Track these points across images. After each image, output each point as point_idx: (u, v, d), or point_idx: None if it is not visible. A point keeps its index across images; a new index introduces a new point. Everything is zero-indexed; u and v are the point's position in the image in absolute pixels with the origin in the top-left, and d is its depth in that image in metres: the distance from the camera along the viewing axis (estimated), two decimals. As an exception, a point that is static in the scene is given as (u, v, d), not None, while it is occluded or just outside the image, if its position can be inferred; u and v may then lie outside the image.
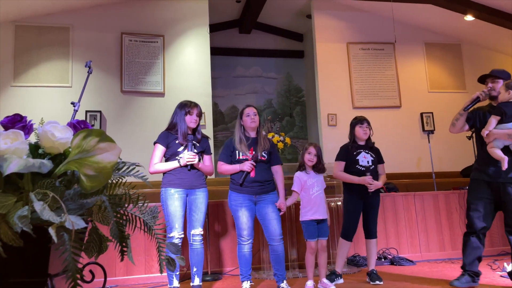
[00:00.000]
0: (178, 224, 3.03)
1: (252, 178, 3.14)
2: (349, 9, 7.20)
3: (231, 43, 8.41)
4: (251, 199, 3.17)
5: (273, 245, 3.18)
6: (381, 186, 3.55)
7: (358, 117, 3.68)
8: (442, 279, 3.55)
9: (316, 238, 3.26)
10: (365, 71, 7.13)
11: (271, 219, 3.17)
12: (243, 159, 3.18)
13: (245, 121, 3.27)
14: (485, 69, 7.50)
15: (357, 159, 3.54)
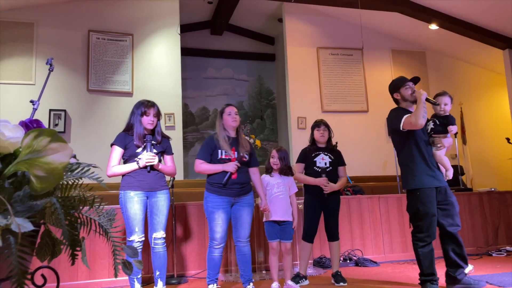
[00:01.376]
0: (138, 228, 2.97)
1: (233, 180, 3.11)
2: (319, 14, 7.31)
3: (203, 44, 8.38)
4: (229, 201, 3.13)
5: (240, 246, 3.18)
6: (337, 189, 3.60)
7: (316, 120, 3.76)
8: (404, 280, 3.66)
9: (276, 239, 3.29)
10: (334, 75, 7.25)
11: (244, 222, 3.17)
12: (226, 159, 3.14)
13: (226, 120, 3.22)
14: (448, 76, 7.85)
15: (314, 160, 3.61)
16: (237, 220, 3.17)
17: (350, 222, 4.83)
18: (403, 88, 3.21)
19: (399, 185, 5.62)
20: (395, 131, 3.14)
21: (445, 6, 6.31)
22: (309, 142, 3.79)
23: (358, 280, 3.68)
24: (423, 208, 2.98)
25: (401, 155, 3.19)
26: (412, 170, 3.06)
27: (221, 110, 3.28)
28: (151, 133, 3.15)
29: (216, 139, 3.19)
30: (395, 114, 3.16)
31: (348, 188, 5.59)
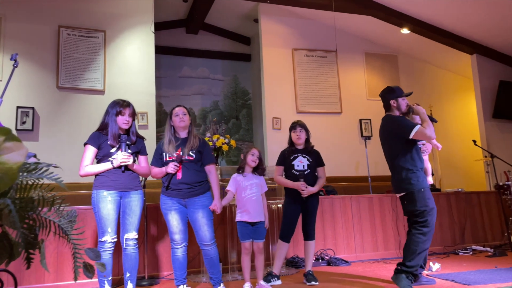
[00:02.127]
0: (110, 228, 2.92)
1: (178, 180, 3.09)
2: (294, 16, 7.36)
3: (178, 43, 8.29)
4: (179, 202, 3.13)
5: (205, 249, 3.15)
6: (315, 191, 3.63)
7: (293, 122, 3.79)
8: (374, 278, 3.72)
9: (249, 239, 3.30)
10: (309, 77, 7.32)
11: (201, 225, 3.12)
12: (170, 160, 3.13)
13: (174, 121, 3.24)
14: (419, 79, 8.05)
15: (292, 164, 3.64)
16: (194, 224, 3.15)
17: (323, 222, 4.88)
18: (401, 98, 3.40)
19: (370, 186, 5.72)
20: (399, 137, 3.30)
21: (416, 11, 6.47)
22: (288, 144, 3.81)
23: (329, 280, 3.72)
24: (431, 204, 3.25)
25: (400, 159, 3.32)
26: (415, 173, 3.26)
27: (170, 111, 3.31)
28: (126, 133, 3.11)
29: (162, 143, 3.24)
30: (402, 121, 3.32)
31: (322, 189, 5.66)
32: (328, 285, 3.51)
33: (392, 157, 3.40)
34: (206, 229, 3.11)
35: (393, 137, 3.37)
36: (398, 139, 3.32)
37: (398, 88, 3.49)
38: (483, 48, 6.96)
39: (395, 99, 3.41)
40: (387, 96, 3.48)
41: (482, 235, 5.53)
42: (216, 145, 5.54)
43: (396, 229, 5.12)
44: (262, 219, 3.35)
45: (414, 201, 3.28)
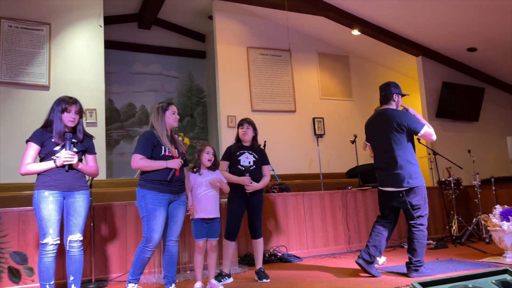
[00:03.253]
0: (52, 230, 2.78)
1: (177, 177, 3.06)
2: (249, 14, 7.37)
3: (129, 38, 8.05)
4: (170, 199, 3.07)
5: (170, 245, 3.12)
6: (260, 188, 3.66)
7: (242, 119, 3.81)
8: (324, 273, 3.81)
9: (204, 238, 3.29)
10: (264, 75, 7.36)
11: (177, 220, 3.14)
12: (169, 156, 3.06)
13: (168, 118, 3.15)
14: (369, 80, 8.32)
15: (239, 159, 3.65)
16: (172, 218, 3.12)
17: (276, 219, 4.93)
18: (400, 96, 3.64)
19: (322, 183, 5.84)
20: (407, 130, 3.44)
21: (366, 13, 6.68)
22: (235, 140, 3.82)
23: (281, 276, 3.77)
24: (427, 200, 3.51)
25: (403, 152, 3.45)
26: (416, 167, 3.45)
27: (164, 107, 3.17)
28: (72, 131, 2.98)
29: (157, 135, 3.09)
30: (413, 117, 3.49)
31: (275, 186, 5.71)
32: (279, 281, 3.55)
33: (393, 150, 3.46)
34: (179, 225, 3.15)
35: (401, 130, 3.44)
36: (403, 131, 3.44)
37: (399, 87, 3.69)
38: (428, 51, 7.31)
39: (397, 94, 3.61)
40: (392, 89, 3.61)
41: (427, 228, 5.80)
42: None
43: (346, 225, 5.27)
44: (218, 216, 3.35)
45: (418, 195, 3.43)
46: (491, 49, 6.86)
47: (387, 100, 3.63)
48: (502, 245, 3.95)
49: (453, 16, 6.14)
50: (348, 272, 3.81)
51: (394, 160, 3.46)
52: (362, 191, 5.50)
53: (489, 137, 7.71)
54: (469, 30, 6.43)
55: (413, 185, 3.41)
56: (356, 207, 5.41)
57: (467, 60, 7.43)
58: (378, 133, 3.62)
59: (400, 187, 3.45)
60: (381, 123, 3.59)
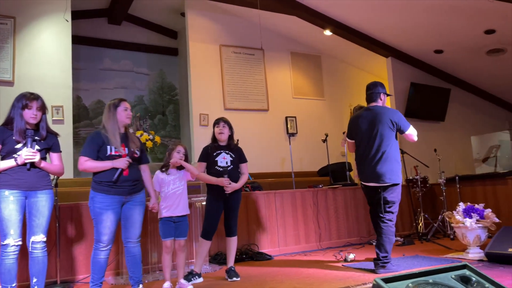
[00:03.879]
0: (14, 230, 2.68)
1: (125, 177, 2.96)
2: (222, 11, 7.33)
3: (99, 34, 7.85)
4: (120, 201, 2.97)
5: (130, 247, 3.05)
6: (239, 187, 3.66)
7: (217, 118, 3.78)
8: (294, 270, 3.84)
9: (171, 237, 3.25)
10: (237, 74, 7.34)
11: (135, 222, 3.04)
12: (115, 155, 2.96)
13: (120, 115, 3.04)
14: (340, 80, 8.43)
15: (216, 160, 3.62)
16: (128, 220, 3.03)
17: (247, 218, 4.94)
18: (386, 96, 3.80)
19: (294, 181, 5.89)
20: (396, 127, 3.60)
21: (337, 14, 6.77)
22: (211, 140, 3.78)
23: (251, 275, 3.77)
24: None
25: (390, 148, 3.58)
26: (399, 165, 3.62)
27: (115, 103, 3.08)
28: (35, 128, 2.88)
29: (104, 134, 2.99)
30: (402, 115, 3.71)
31: (247, 185, 5.71)
32: (249, 280, 3.56)
33: (384, 147, 3.58)
34: (137, 226, 3.05)
35: (391, 128, 3.59)
36: (395, 130, 3.60)
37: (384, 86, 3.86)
38: (397, 52, 7.48)
39: (384, 94, 3.79)
40: (380, 89, 3.79)
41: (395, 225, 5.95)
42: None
43: (317, 223, 5.34)
44: (186, 213, 3.32)
45: (395, 193, 3.60)
46: (457, 52, 7.08)
47: (375, 98, 3.76)
48: (465, 241, 4.10)
49: (421, 19, 6.31)
50: (318, 269, 3.85)
51: (381, 156, 3.57)
52: (332, 189, 5.58)
53: (454, 136, 7.97)
54: (436, 33, 6.62)
55: (394, 182, 3.57)
56: (327, 205, 5.48)
57: (434, 62, 7.64)
58: (368, 128, 3.67)
59: (381, 183, 3.56)
60: (373, 119, 3.65)
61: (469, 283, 1.76)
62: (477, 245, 4.05)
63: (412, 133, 3.65)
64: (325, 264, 4.09)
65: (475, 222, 3.98)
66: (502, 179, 5.49)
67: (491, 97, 8.53)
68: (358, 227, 5.63)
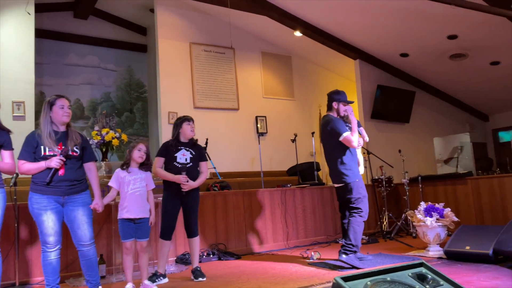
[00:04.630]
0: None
1: (60, 177, 2.84)
2: (192, 9, 7.26)
3: (64, 28, 7.61)
4: (57, 201, 2.86)
5: (83, 250, 2.93)
6: (196, 186, 3.62)
7: (185, 115, 3.73)
8: (260, 269, 3.86)
9: (131, 238, 3.18)
10: (207, 72, 7.29)
11: (81, 223, 2.91)
12: (50, 155, 2.84)
13: (56, 114, 2.90)
14: (310, 80, 8.53)
15: (175, 156, 3.57)
16: (73, 223, 2.91)
17: (215, 217, 4.92)
18: (342, 103, 4.01)
19: (263, 181, 5.92)
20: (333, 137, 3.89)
21: (307, 15, 6.84)
22: (173, 136, 3.71)
23: (217, 275, 3.76)
24: (364, 192, 3.90)
25: (335, 154, 3.93)
26: (346, 166, 3.88)
27: (51, 101, 2.92)
28: None
29: (38, 135, 2.88)
30: (335, 124, 3.91)
31: (216, 184, 5.69)
32: (215, 279, 3.54)
33: (329, 151, 4.01)
34: (85, 227, 2.92)
35: (330, 135, 3.94)
36: (333, 138, 3.91)
37: (344, 93, 4.07)
38: (365, 54, 7.64)
39: (337, 102, 4.02)
40: (333, 97, 4.06)
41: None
42: (105, 139, 5.22)
43: (284, 222, 5.38)
44: (146, 216, 3.25)
45: (350, 191, 3.88)
46: (421, 55, 7.31)
47: (329, 108, 4.13)
48: (425, 239, 4.23)
49: (388, 23, 6.47)
50: (284, 268, 3.88)
51: (329, 160, 4.05)
52: (300, 189, 5.63)
53: (418, 138, 8.23)
54: (402, 37, 6.81)
55: (346, 181, 3.89)
56: (295, 204, 5.54)
57: (400, 65, 7.86)
58: (321, 136, 4.22)
59: (336, 184, 4.03)
60: (321, 128, 4.18)
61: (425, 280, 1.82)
62: (437, 243, 4.20)
63: (347, 139, 3.83)
64: (291, 263, 4.13)
65: (435, 221, 4.12)
66: (462, 179, 5.71)
67: (453, 100, 8.87)
68: (325, 226, 5.71)
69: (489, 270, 3.30)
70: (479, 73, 7.59)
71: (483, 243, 3.64)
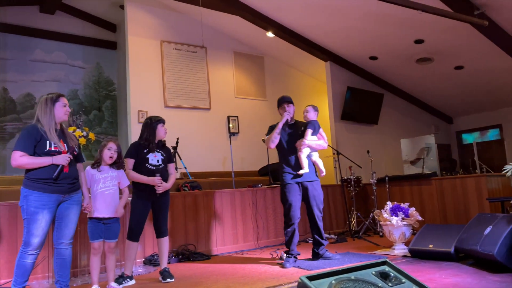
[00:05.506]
0: None
1: (65, 174, 2.82)
2: (163, 6, 7.17)
3: (30, 22, 7.35)
4: (58, 199, 2.82)
5: (61, 248, 2.89)
6: (169, 187, 3.60)
7: (157, 116, 3.68)
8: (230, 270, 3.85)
9: (100, 239, 3.13)
10: (178, 71, 7.22)
11: (70, 222, 2.91)
12: (55, 151, 2.80)
13: (58, 111, 2.88)
14: (282, 81, 8.59)
15: (147, 157, 3.53)
16: (63, 220, 2.88)
17: (185, 218, 4.87)
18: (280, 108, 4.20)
19: (233, 181, 5.91)
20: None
21: (279, 17, 6.89)
22: (142, 137, 3.64)
23: (186, 275, 3.73)
24: (289, 198, 3.99)
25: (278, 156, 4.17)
26: (282, 169, 4.07)
27: (53, 98, 2.90)
28: None
29: (41, 129, 2.81)
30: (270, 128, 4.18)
31: (186, 184, 5.64)
32: (184, 280, 3.51)
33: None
34: (72, 226, 2.92)
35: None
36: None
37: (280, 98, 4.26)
38: (335, 57, 7.77)
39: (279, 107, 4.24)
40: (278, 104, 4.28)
41: (329, 223, 6.19)
42: (72, 138, 5.08)
43: (255, 222, 5.39)
44: (114, 215, 3.20)
45: (281, 193, 4.09)
46: (390, 59, 7.50)
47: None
48: (391, 238, 4.35)
49: (358, 26, 6.60)
50: (253, 268, 3.89)
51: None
52: (271, 189, 5.66)
53: (386, 139, 8.43)
54: (371, 40, 6.96)
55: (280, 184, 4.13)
56: (265, 204, 5.56)
57: (369, 68, 8.04)
58: None
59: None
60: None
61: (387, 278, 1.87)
62: (402, 241, 4.32)
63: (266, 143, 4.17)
64: (261, 263, 4.14)
65: (400, 220, 4.24)
66: (427, 179, 5.90)
67: (420, 102, 9.15)
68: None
69: (450, 268, 3.42)
70: (444, 77, 7.86)
71: (445, 241, 3.77)
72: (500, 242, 3.10)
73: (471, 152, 8.54)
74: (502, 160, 7.47)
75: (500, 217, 3.40)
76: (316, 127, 4.15)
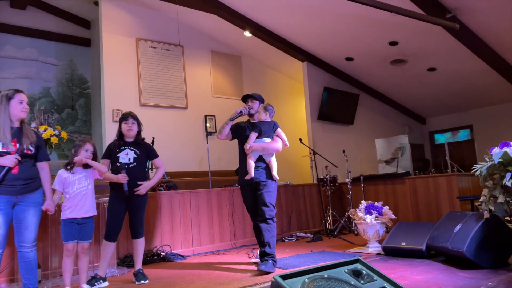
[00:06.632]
0: None
1: (14, 175, 2.71)
2: (138, 3, 7.06)
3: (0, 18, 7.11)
4: (10, 201, 2.72)
5: (24, 251, 2.80)
6: (152, 185, 3.56)
7: (124, 113, 3.62)
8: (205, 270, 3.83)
9: (73, 240, 3.06)
10: (154, 69, 7.12)
11: (29, 224, 2.80)
12: (4, 152, 2.71)
13: (14, 109, 2.79)
14: (260, 81, 8.60)
15: (118, 156, 3.47)
16: (21, 222, 2.79)
17: (160, 218, 4.82)
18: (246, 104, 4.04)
19: (210, 180, 5.88)
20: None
21: (257, 16, 6.89)
22: (116, 136, 3.60)
23: (161, 276, 3.69)
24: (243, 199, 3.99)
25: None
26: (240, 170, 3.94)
27: (9, 95, 2.81)
28: None
29: None
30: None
31: (162, 184, 5.57)
32: (158, 281, 3.47)
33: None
34: (32, 229, 2.82)
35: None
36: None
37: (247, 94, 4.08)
38: (312, 57, 7.83)
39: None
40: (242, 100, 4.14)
41: (305, 222, 6.25)
42: (43, 137, 4.95)
43: (232, 222, 5.38)
44: (91, 215, 3.15)
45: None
46: (365, 60, 7.62)
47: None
48: (365, 236, 4.42)
49: (335, 27, 6.67)
50: (229, 268, 3.88)
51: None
52: (248, 189, 5.65)
53: (361, 139, 8.57)
54: (347, 41, 7.05)
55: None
56: (242, 203, 5.50)
57: (346, 69, 8.15)
58: None
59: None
60: None
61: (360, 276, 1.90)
62: (376, 239, 4.39)
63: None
64: (237, 263, 4.14)
65: (374, 219, 4.31)
66: (401, 179, 6.02)
67: (394, 103, 9.34)
68: (271, 225, 5.77)
69: (422, 265, 3.50)
70: (418, 78, 8.05)
71: (417, 239, 3.86)
72: (469, 239, 3.19)
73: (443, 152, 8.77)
74: (473, 160, 7.69)
75: (470, 215, 3.50)
76: (267, 129, 3.89)
